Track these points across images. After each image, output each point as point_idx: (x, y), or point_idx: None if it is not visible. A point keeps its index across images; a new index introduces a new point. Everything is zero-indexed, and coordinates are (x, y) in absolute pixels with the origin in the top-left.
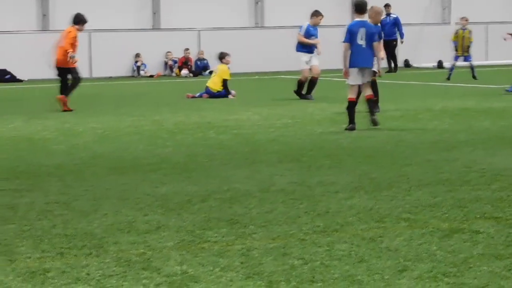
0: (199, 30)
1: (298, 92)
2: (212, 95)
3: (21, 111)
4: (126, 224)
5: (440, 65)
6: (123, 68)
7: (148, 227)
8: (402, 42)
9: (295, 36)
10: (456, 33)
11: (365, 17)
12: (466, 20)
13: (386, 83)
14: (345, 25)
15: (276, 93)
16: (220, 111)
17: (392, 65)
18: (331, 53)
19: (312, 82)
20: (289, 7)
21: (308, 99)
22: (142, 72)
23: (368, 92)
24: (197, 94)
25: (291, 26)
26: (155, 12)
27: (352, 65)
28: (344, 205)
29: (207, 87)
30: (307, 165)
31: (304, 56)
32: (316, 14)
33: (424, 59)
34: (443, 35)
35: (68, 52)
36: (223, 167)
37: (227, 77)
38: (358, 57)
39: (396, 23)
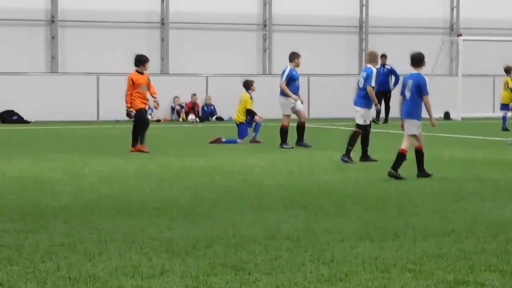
0: (206, 76)
1: (283, 139)
2: (237, 126)
3: (28, 152)
4: (131, 268)
5: (447, 116)
6: None
7: (153, 271)
8: (392, 89)
9: (303, 83)
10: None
11: (421, 70)
12: None
13: (394, 133)
14: (355, 74)
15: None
16: (227, 156)
17: (382, 115)
18: (340, 101)
19: (302, 127)
20: None
21: (307, 146)
22: (149, 116)
23: (403, 145)
24: (224, 140)
25: (299, 74)
26: (163, 58)
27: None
28: (349, 254)
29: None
30: (313, 212)
31: (290, 101)
32: (296, 56)
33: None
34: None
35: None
36: (229, 213)
37: (249, 106)
38: (402, 108)
39: (391, 74)
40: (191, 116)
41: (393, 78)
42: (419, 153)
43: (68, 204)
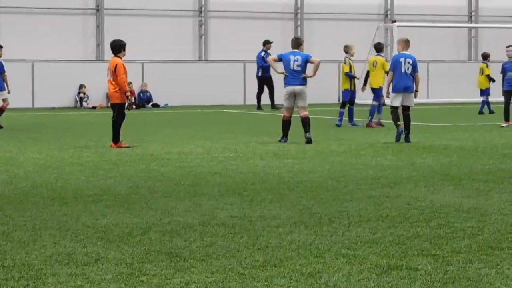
0: (142, 62)
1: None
2: (375, 91)
3: None
4: (65, 255)
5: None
6: (66, 99)
7: (87, 259)
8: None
9: (239, 70)
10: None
11: None
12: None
13: (325, 119)
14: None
15: (219, 127)
16: (163, 144)
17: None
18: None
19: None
20: (233, 42)
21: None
22: (84, 104)
23: None
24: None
25: (234, 61)
26: (99, 44)
27: None
28: (284, 240)
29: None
30: (248, 199)
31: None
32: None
33: (366, 96)
34: None
35: (125, 93)
36: (165, 200)
37: (387, 68)
38: None
39: None
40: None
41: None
42: None
43: (3, 192)
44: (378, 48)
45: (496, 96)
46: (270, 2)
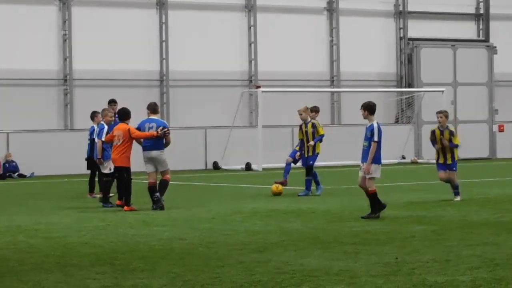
0: (7, 133)
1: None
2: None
3: None
4: None
5: (248, 167)
6: None
7: None
8: None
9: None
10: (433, 133)
11: None
12: (446, 116)
13: (195, 185)
14: None
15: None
16: (30, 215)
17: None
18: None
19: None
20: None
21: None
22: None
23: None
24: None
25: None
26: None
27: None
28: None
29: None
30: (120, 268)
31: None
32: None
33: (232, 161)
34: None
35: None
36: (35, 272)
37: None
38: None
39: None
40: None
41: None
42: None
43: None
44: None
45: None
46: (134, 70)
